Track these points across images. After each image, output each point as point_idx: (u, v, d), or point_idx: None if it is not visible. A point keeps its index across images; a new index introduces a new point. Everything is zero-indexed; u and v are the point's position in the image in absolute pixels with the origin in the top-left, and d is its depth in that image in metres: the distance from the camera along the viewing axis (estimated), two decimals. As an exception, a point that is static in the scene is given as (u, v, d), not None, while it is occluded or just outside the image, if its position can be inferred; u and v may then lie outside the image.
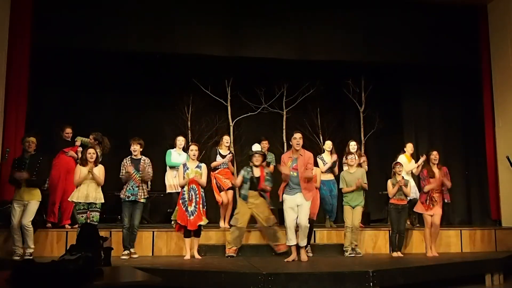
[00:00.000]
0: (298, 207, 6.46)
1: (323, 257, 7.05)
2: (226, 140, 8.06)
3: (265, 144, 8.44)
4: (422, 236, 7.61)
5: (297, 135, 6.57)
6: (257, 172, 7.03)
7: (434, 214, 7.27)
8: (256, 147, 7.49)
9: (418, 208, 7.47)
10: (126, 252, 6.74)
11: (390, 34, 9.35)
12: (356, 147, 8.22)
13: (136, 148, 6.91)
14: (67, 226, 7.35)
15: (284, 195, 6.54)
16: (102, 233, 6.58)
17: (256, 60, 9.23)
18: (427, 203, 7.32)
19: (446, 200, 7.59)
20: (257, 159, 7.07)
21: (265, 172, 7.10)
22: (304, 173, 6.45)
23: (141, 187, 6.80)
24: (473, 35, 9.69)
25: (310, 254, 6.98)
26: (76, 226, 7.43)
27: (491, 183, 9.38)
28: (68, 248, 5.37)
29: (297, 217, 6.49)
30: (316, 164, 7.51)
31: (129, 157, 6.95)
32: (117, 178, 6.90)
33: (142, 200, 6.82)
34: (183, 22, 8.80)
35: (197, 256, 6.77)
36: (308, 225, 6.52)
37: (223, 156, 7.83)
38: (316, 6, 9.16)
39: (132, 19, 8.63)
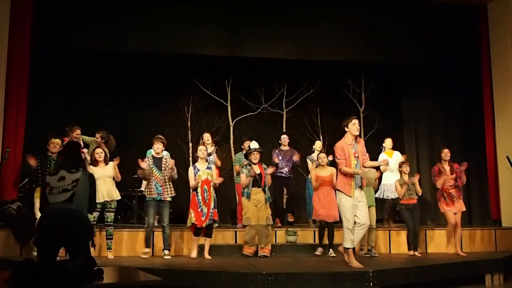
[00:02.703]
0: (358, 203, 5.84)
1: (323, 257, 7.04)
2: (207, 137, 7.99)
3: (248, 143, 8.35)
4: (423, 236, 7.59)
5: (356, 121, 6.08)
6: (257, 169, 7.02)
7: (457, 211, 7.31)
8: (253, 144, 7.38)
9: (441, 207, 7.45)
10: (147, 250, 6.72)
11: (390, 34, 9.34)
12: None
13: (159, 147, 6.87)
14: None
15: (342, 193, 5.83)
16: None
17: (256, 60, 9.22)
18: (446, 200, 7.33)
19: None
20: (255, 157, 7.07)
21: (264, 168, 7.11)
22: (367, 160, 6.00)
23: (165, 186, 6.76)
24: (473, 35, 9.66)
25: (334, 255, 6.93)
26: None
27: (491, 183, 9.36)
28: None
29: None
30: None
31: (151, 155, 6.94)
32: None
33: (168, 199, 6.77)
34: (183, 22, 8.78)
35: (207, 256, 6.73)
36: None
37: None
38: (316, 6, 9.15)
39: (132, 19, 8.62)
